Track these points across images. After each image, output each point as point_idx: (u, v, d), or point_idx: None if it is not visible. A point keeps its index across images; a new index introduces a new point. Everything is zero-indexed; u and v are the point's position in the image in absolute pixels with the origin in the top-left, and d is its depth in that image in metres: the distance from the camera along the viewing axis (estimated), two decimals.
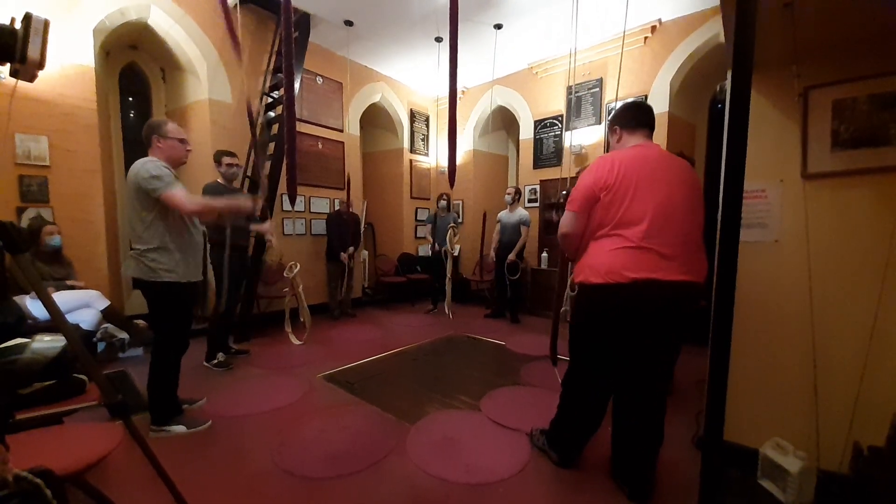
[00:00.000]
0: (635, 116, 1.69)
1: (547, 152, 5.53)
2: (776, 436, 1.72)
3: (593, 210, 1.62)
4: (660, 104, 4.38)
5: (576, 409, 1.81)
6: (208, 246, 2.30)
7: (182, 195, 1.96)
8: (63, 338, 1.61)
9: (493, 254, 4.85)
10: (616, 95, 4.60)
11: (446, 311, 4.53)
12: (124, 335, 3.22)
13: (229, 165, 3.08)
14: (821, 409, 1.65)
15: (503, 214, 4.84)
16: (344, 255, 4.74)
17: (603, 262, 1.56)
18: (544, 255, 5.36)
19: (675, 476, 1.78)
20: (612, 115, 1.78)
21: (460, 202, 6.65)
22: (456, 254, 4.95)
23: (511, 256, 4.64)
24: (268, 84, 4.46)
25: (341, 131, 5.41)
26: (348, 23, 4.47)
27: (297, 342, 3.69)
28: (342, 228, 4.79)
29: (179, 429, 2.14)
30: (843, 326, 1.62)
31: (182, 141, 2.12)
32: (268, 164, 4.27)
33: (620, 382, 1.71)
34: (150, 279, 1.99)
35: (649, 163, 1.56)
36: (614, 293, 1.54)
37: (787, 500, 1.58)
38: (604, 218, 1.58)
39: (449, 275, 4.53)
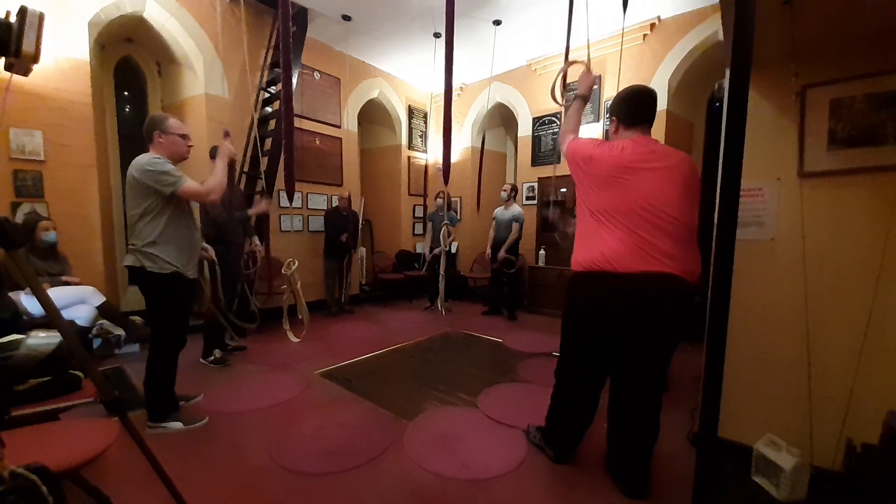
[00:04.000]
0: (634, 112, 1.66)
1: (545, 149, 5.52)
2: (770, 432, 1.74)
3: (582, 194, 1.66)
4: (658, 102, 4.38)
5: (568, 400, 1.83)
6: (202, 242, 2.29)
7: (197, 186, 2.02)
8: (58, 334, 1.60)
9: (489, 252, 4.85)
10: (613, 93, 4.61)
11: (439, 307, 4.55)
12: (120, 331, 3.20)
13: None
14: (814, 406, 1.66)
15: (498, 211, 4.84)
16: (345, 235, 4.73)
17: (586, 248, 1.61)
18: (542, 252, 5.37)
19: (670, 472, 1.80)
20: (612, 102, 1.74)
21: (459, 199, 6.65)
22: (453, 251, 4.94)
23: (501, 253, 4.65)
24: (265, 79, 4.43)
25: (339, 127, 5.39)
26: (346, 17, 4.44)
27: (294, 340, 3.69)
28: (340, 225, 4.78)
29: (176, 425, 2.13)
30: (837, 324, 1.63)
31: (184, 136, 2.12)
32: (265, 160, 4.26)
33: (613, 377, 1.73)
34: (150, 270, 1.98)
35: (645, 157, 1.55)
36: (599, 282, 1.57)
37: (781, 496, 1.59)
38: (594, 206, 1.60)
39: (442, 272, 4.54)
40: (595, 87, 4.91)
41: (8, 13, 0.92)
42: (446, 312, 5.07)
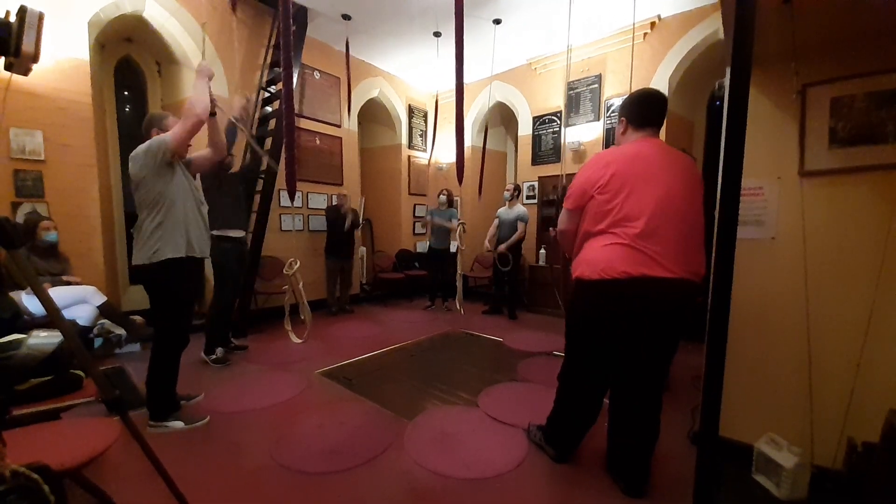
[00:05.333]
0: (645, 114, 1.65)
1: (545, 149, 5.52)
2: (771, 431, 1.74)
3: (588, 207, 1.63)
4: None
5: (572, 404, 1.82)
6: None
7: (180, 125, 1.97)
8: (59, 333, 1.60)
9: (487, 244, 4.81)
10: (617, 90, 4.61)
11: (458, 307, 4.55)
12: (121, 331, 3.21)
13: None
14: (815, 404, 1.66)
15: (502, 211, 4.84)
16: (347, 222, 4.71)
17: (598, 257, 1.57)
18: (542, 251, 5.37)
19: (671, 471, 1.80)
20: (623, 102, 1.73)
21: (458, 199, 6.64)
22: (453, 250, 4.96)
23: (502, 248, 4.63)
24: (265, 79, 4.43)
25: (339, 126, 5.39)
26: (346, 17, 4.44)
27: (297, 341, 3.67)
28: (340, 223, 4.78)
29: (177, 424, 2.14)
30: (838, 323, 1.63)
31: None
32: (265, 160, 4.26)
33: (616, 378, 1.72)
34: (153, 261, 1.98)
35: (647, 160, 1.56)
36: (609, 289, 1.54)
37: (781, 495, 1.59)
38: (600, 215, 1.58)
39: (460, 270, 4.54)
40: (595, 86, 4.92)
41: (7, 13, 0.92)
42: (447, 311, 5.09)
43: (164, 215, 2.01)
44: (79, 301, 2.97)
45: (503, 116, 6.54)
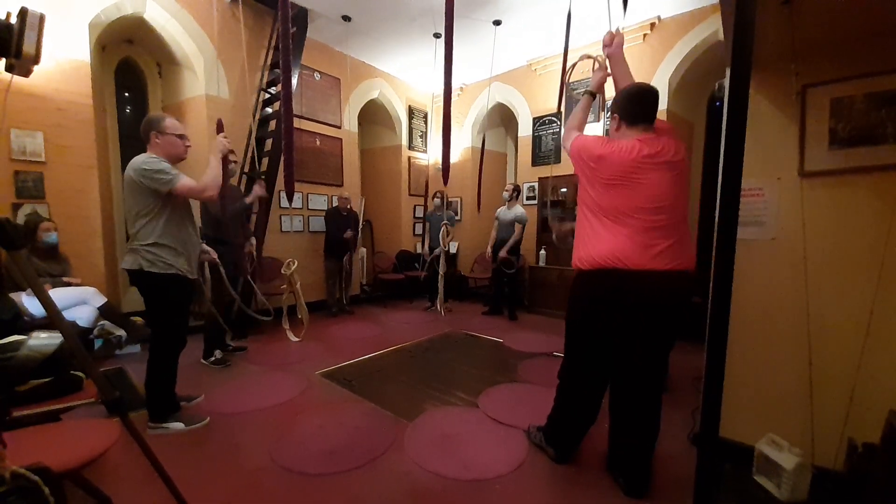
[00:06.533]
0: (637, 110, 1.64)
1: (545, 150, 5.52)
2: (771, 432, 1.73)
3: (584, 197, 1.65)
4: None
5: (571, 402, 1.83)
6: (203, 243, 2.30)
7: (192, 183, 2.02)
8: (60, 335, 1.60)
9: (489, 251, 4.84)
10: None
11: (438, 308, 4.56)
12: (121, 332, 3.21)
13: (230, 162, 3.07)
14: (816, 405, 1.66)
15: (501, 211, 4.84)
16: (348, 233, 4.73)
17: (594, 250, 1.59)
18: (542, 252, 5.36)
19: (671, 471, 1.80)
20: (615, 99, 1.72)
21: (459, 199, 6.65)
22: (453, 251, 4.96)
23: (502, 253, 4.63)
24: (265, 80, 4.44)
25: (339, 127, 5.39)
26: (346, 18, 4.45)
27: (294, 339, 3.70)
28: (341, 225, 4.78)
29: (177, 426, 2.14)
30: (838, 323, 1.63)
31: (181, 136, 2.11)
32: (266, 161, 4.26)
33: (615, 376, 1.72)
34: (148, 270, 1.98)
35: (653, 156, 1.55)
36: (605, 280, 1.57)
37: (782, 496, 1.59)
38: (599, 205, 1.59)
39: (441, 272, 4.54)
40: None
41: (8, 14, 0.92)
42: (446, 313, 5.08)
43: (160, 231, 2.00)
44: (79, 302, 2.97)
45: (503, 117, 6.55)
